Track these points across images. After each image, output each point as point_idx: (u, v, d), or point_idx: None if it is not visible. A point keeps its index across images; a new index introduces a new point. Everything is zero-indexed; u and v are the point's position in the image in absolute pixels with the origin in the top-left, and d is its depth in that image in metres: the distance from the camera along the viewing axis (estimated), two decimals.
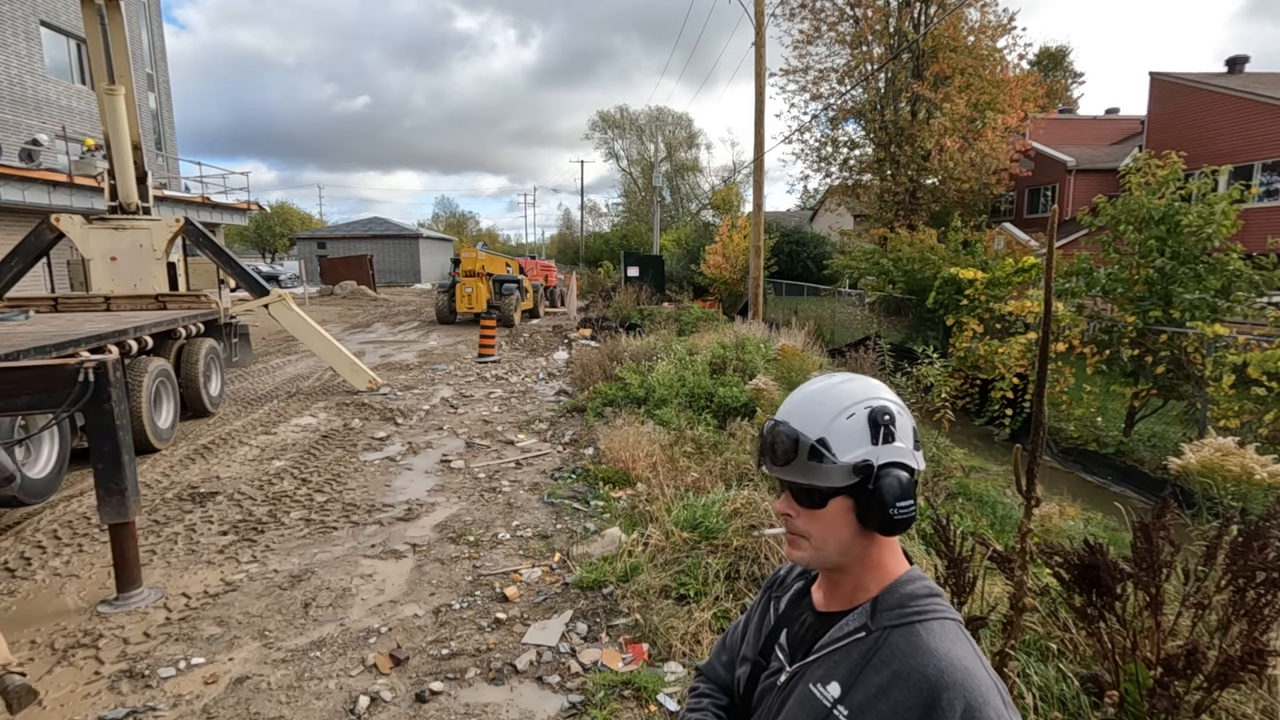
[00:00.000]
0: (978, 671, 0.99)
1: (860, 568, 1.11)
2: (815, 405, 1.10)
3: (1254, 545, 2.43)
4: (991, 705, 0.95)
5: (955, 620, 1.07)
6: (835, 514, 1.08)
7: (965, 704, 0.95)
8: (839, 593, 1.15)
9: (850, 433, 1.06)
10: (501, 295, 20.44)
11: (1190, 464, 4.52)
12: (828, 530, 1.09)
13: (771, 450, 1.10)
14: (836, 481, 1.06)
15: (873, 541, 1.10)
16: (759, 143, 16.74)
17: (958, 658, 1.00)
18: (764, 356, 10.36)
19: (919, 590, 1.09)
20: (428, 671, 3.66)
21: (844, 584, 1.14)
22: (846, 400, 1.09)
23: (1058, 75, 43.08)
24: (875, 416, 1.07)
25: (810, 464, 1.06)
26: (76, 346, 6.30)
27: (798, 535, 1.12)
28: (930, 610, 1.06)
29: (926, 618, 1.05)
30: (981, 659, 1.02)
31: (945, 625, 1.05)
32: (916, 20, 23.25)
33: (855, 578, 1.12)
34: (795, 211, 46.95)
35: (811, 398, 1.12)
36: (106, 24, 9.13)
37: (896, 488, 1.04)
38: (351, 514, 5.88)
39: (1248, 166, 19.08)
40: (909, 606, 1.07)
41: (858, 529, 1.08)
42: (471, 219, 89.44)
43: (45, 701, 3.41)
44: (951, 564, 2.67)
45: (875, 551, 1.10)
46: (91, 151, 15.49)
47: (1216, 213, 8.22)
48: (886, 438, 1.07)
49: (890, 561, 1.12)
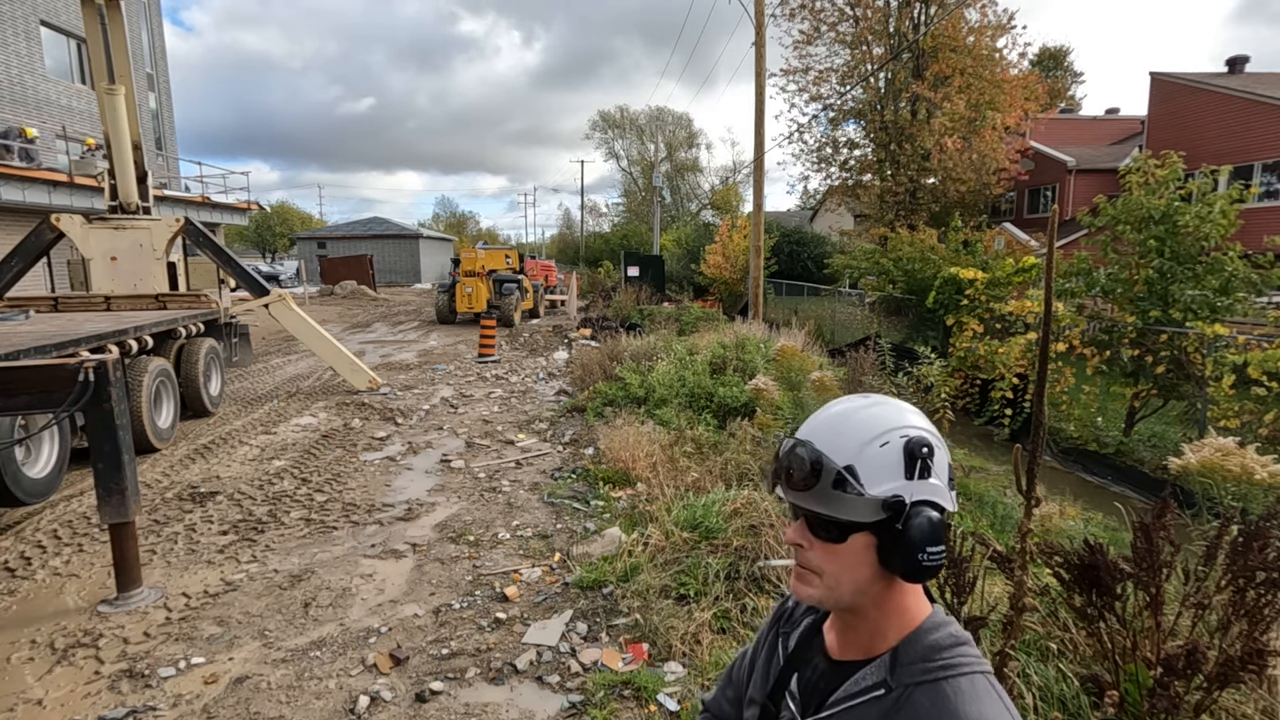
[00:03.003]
0: None
1: (879, 613, 1.00)
2: (844, 428, 0.98)
3: (1254, 545, 2.43)
4: None
5: (985, 673, 0.96)
6: (855, 551, 0.96)
7: None
8: (855, 639, 1.03)
9: (883, 463, 0.95)
10: (501, 295, 20.44)
11: (1190, 464, 4.52)
12: (844, 569, 0.97)
13: (789, 473, 0.98)
14: (861, 516, 0.94)
15: (893, 585, 0.98)
16: (759, 143, 16.75)
17: None
18: (764, 356, 10.36)
19: (944, 640, 0.97)
20: (428, 671, 3.66)
21: (859, 629, 1.02)
22: (880, 426, 0.97)
23: (1058, 75, 43.07)
24: (913, 448, 0.95)
25: (833, 493, 0.94)
26: (77, 346, 6.30)
27: (809, 570, 1.00)
28: (957, 665, 0.95)
29: (953, 674, 0.94)
30: (1015, 717, 0.93)
31: (974, 681, 0.94)
32: (916, 20, 23.25)
33: (873, 623, 1.01)
34: (795, 211, 46.93)
35: (839, 419, 1.00)
36: (107, 24, 9.13)
37: (928, 529, 0.93)
38: (351, 514, 5.88)
39: (1248, 166, 19.08)
40: (934, 660, 0.95)
41: (878, 571, 0.97)
42: (472, 219, 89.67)
43: (45, 701, 3.41)
44: (951, 564, 2.67)
45: (896, 596, 0.99)
46: (92, 151, 15.49)
47: (1214, 212, 8.22)
48: (923, 472, 0.95)
49: (913, 607, 1.00)
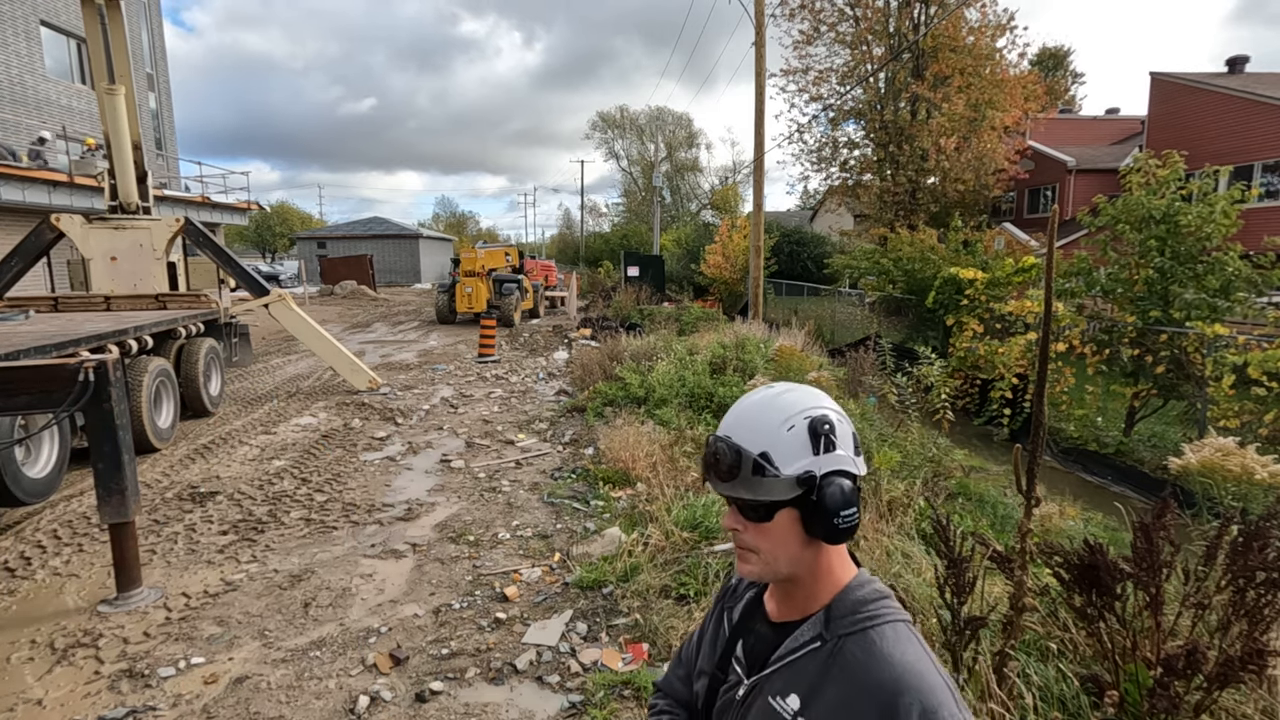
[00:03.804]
0: (930, 673, 1.01)
1: (811, 578, 1.11)
2: (756, 419, 1.09)
3: (1254, 545, 2.43)
4: (945, 707, 0.98)
5: (906, 621, 1.09)
6: (783, 527, 1.07)
7: (921, 707, 0.97)
8: (792, 603, 1.15)
9: (792, 444, 1.05)
10: (501, 295, 20.43)
11: (1191, 464, 4.52)
12: (776, 544, 1.08)
13: (715, 466, 1.08)
14: (781, 494, 1.05)
15: (821, 550, 1.10)
16: (759, 143, 16.75)
17: (911, 662, 1.02)
18: (763, 356, 10.37)
19: (869, 594, 1.10)
20: (428, 671, 3.66)
21: (796, 594, 1.14)
22: (787, 411, 1.08)
23: (1058, 75, 43.06)
24: (815, 426, 1.06)
25: (755, 478, 1.05)
26: (76, 346, 6.30)
27: (747, 550, 1.11)
28: (881, 615, 1.08)
29: (878, 622, 1.06)
30: (932, 659, 1.05)
31: (897, 629, 1.06)
32: (916, 20, 23.25)
33: (807, 587, 1.12)
34: (795, 211, 46.93)
35: (751, 411, 1.10)
36: (107, 24, 9.13)
37: (840, 496, 1.04)
38: (351, 514, 5.88)
39: (1248, 166, 19.07)
40: (861, 613, 1.08)
41: (805, 540, 1.08)
42: (472, 219, 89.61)
43: (45, 701, 3.41)
44: (951, 564, 2.67)
45: (824, 560, 1.11)
46: (92, 151, 15.49)
47: (1216, 212, 8.22)
48: (827, 447, 1.06)
49: (839, 568, 1.12)
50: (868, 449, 5.15)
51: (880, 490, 4.79)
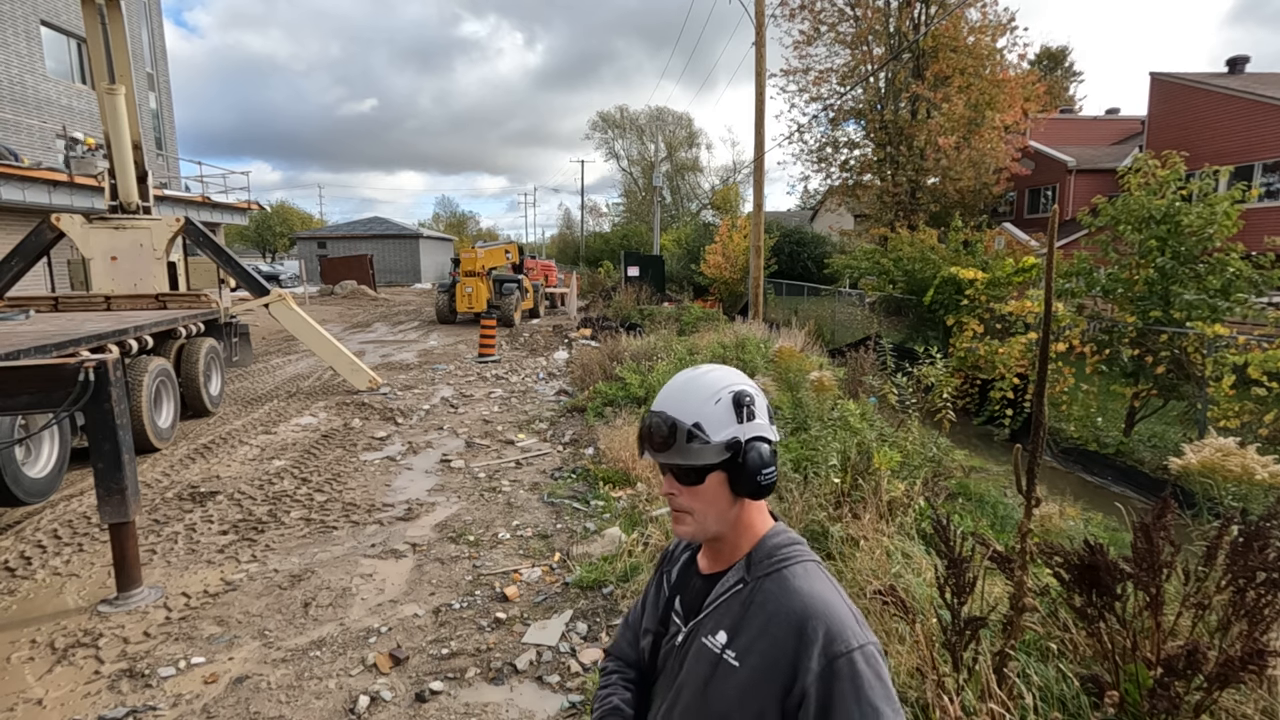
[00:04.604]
0: (835, 601, 1.16)
1: (734, 532, 1.26)
2: (687, 394, 1.23)
3: (1254, 545, 2.43)
4: (848, 626, 1.12)
5: (815, 562, 1.24)
6: (713, 488, 1.22)
7: (826, 628, 1.11)
8: (720, 555, 1.29)
9: (719, 415, 1.20)
10: (501, 295, 20.43)
11: (1191, 464, 4.51)
12: (707, 503, 1.23)
13: (651, 437, 1.22)
14: (711, 459, 1.20)
15: (744, 507, 1.25)
16: (759, 143, 16.74)
17: (818, 592, 1.16)
18: (764, 357, 10.36)
19: (783, 541, 1.25)
20: (428, 671, 3.66)
21: (723, 548, 1.28)
22: (712, 387, 1.23)
23: (1058, 75, 43.04)
24: (738, 399, 1.21)
25: (688, 446, 1.19)
26: (77, 346, 6.30)
27: (682, 512, 1.25)
28: (793, 556, 1.22)
29: (791, 563, 1.21)
30: (839, 590, 1.21)
31: (807, 568, 1.21)
32: (916, 20, 23.24)
33: (732, 541, 1.27)
34: (795, 211, 46.87)
35: (682, 387, 1.25)
36: (107, 23, 9.13)
37: (759, 458, 1.20)
38: (351, 513, 5.88)
39: (1248, 166, 19.06)
40: (775, 556, 1.23)
41: (731, 498, 1.23)
42: (472, 219, 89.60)
43: (45, 701, 3.41)
44: (951, 564, 2.67)
45: (746, 516, 1.26)
46: (92, 150, 15.48)
47: (1218, 213, 8.21)
48: (749, 416, 1.21)
49: (759, 522, 1.28)
50: (868, 449, 5.15)
51: (880, 490, 4.78)
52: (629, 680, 1.44)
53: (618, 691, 1.42)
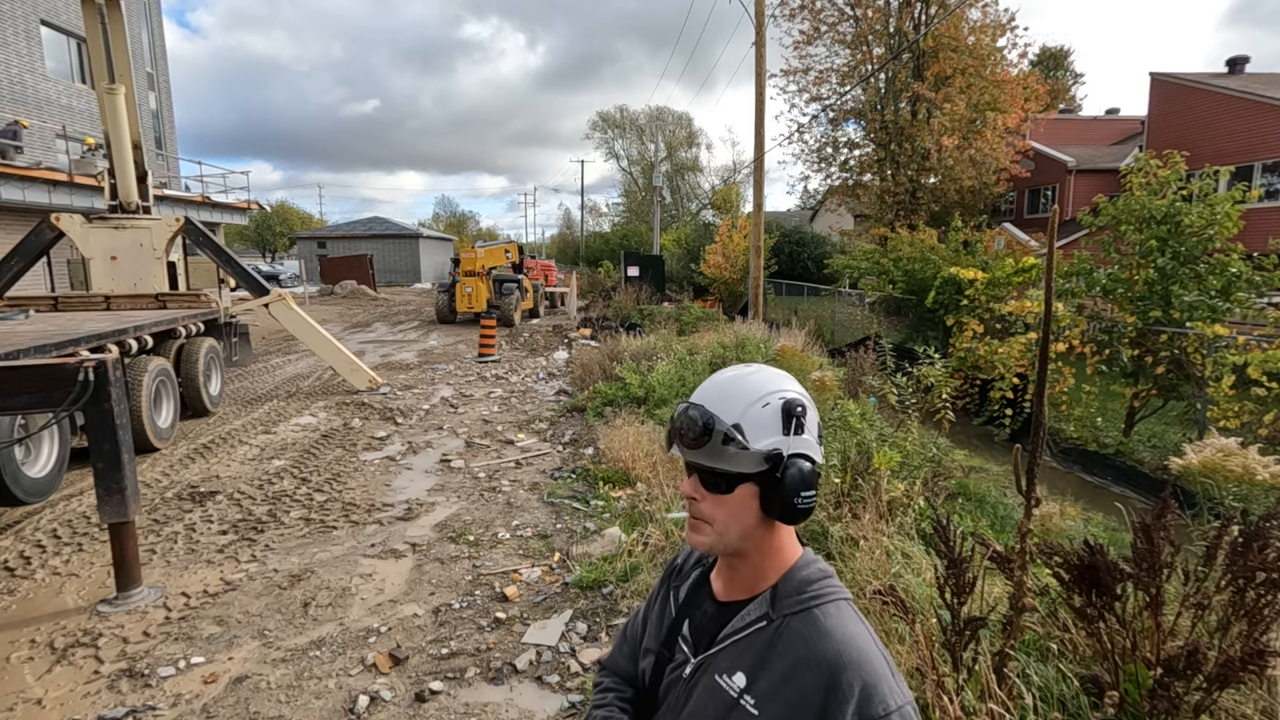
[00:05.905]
0: (870, 650, 1.04)
1: (759, 555, 1.13)
2: (730, 392, 1.11)
3: (1254, 546, 2.42)
4: (884, 681, 1.01)
5: (848, 599, 1.12)
6: (741, 500, 1.09)
7: (863, 682, 1.00)
8: (739, 580, 1.17)
9: (763, 421, 1.08)
10: (501, 295, 20.43)
11: (1192, 464, 4.52)
12: (732, 516, 1.10)
13: (684, 433, 1.10)
14: (746, 468, 1.07)
15: (773, 529, 1.12)
16: (759, 143, 16.74)
17: (853, 638, 1.05)
18: (764, 356, 10.37)
19: (814, 575, 1.12)
20: (427, 671, 3.66)
21: (743, 571, 1.15)
22: (761, 389, 1.10)
23: (1058, 76, 43.04)
24: (789, 408, 1.09)
25: (723, 449, 1.07)
26: (76, 345, 6.29)
27: (701, 520, 1.13)
28: (825, 594, 1.10)
29: (822, 601, 1.09)
30: (872, 635, 1.09)
31: (840, 607, 1.09)
32: (917, 20, 23.24)
33: (755, 565, 1.14)
34: (795, 211, 46.86)
35: (727, 384, 1.13)
36: (107, 23, 9.13)
37: (801, 478, 1.07)
38: (351, 513, 5.88)
39: (1248, 167, 19.06)
40: (806, 592, 1.10)
41: (760, 516, 1.10)
42: (472, 219, 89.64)
43: (45, 701, 3.41)
44: (951, 564, 2.67)
45: (775, 539, 1.13)
46: (92, 150, 15.49)
47: (1219, 213, 8.21)
48: (797, 429, 1.09)
49: (788, 548, 1.15)
50: (867, 449, 5.15)
51: (880, 490, 4.78)
52: (625, 700, 1.33)
53: (614, 714, 1.31)
